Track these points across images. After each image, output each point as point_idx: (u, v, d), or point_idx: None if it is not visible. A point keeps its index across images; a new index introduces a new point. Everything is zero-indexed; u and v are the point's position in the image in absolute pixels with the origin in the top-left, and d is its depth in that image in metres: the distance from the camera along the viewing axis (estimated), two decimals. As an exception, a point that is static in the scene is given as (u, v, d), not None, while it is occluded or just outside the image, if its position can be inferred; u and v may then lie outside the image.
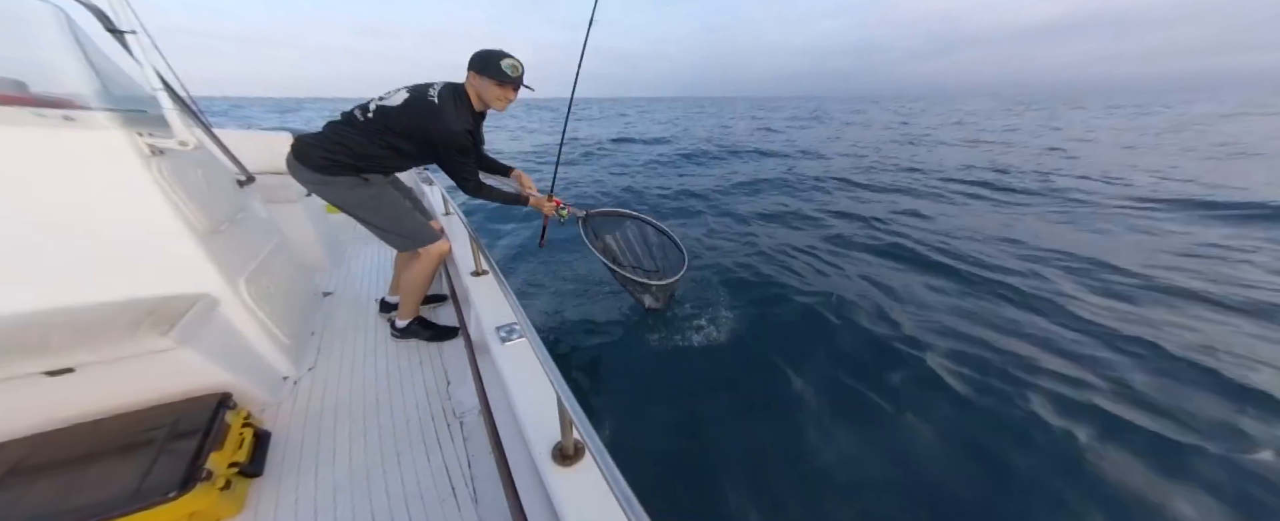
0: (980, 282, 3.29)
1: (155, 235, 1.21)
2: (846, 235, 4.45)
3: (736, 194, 6.38)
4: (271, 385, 1.48)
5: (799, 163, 9.27)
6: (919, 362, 2.32)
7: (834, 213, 5.33)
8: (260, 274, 1.56)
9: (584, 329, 2.71)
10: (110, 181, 1.12)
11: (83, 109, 1.09)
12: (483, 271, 1.63)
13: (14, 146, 1.01)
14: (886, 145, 12.56)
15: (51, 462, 0.97)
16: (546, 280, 3.39)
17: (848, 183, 7.11)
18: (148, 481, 0.94)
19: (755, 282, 3.36)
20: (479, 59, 1.51)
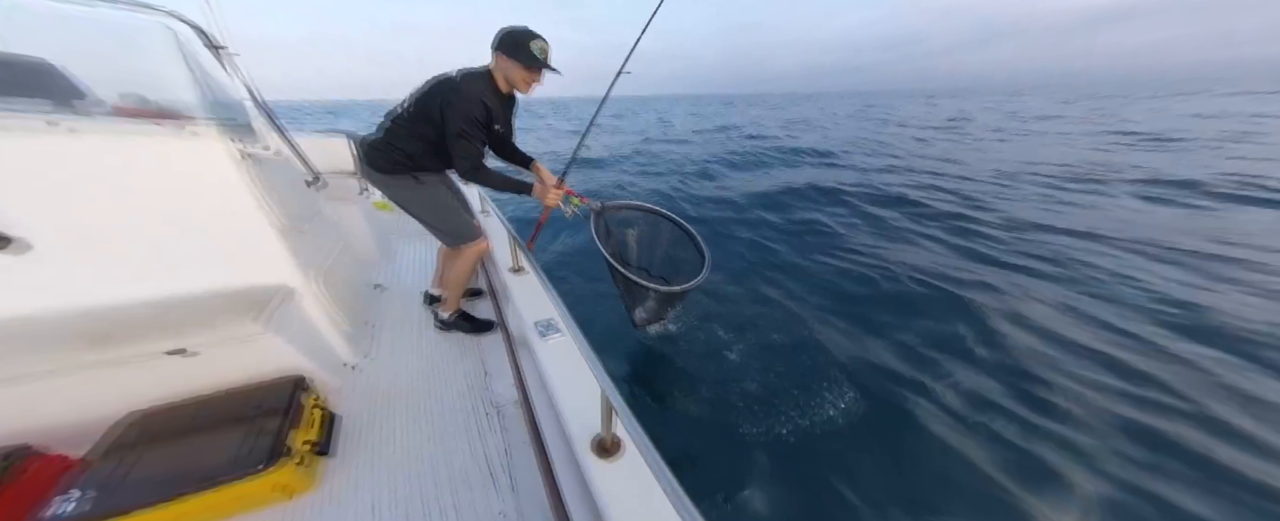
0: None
1: (246, 231, 1.35)
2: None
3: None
4: (337, 371, 1.60)
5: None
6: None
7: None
8: (328, 267, 1.69)
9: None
10: (211, 183, 1.26)
11: (189, 119, 1.23)
12: (521, 269, 1.71)
13: (137, 154, 1.16)
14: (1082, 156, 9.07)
15: (171, 430, 1.11)
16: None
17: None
18: (243, 453, 1.05)
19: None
20: (506, 40, 1.45)
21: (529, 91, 1.55)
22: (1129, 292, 3.15)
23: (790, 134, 14.62)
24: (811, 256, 4.03)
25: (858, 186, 6.50)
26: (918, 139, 12.89)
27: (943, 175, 7.40)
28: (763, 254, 4.22)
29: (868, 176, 7.32)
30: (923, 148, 11.04)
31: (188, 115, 1.25)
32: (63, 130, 1.07)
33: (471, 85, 1.44)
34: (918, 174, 7.55)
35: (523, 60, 1.44)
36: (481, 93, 1.45)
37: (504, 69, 1.49)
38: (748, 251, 4.27)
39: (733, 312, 3.01)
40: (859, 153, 10.18)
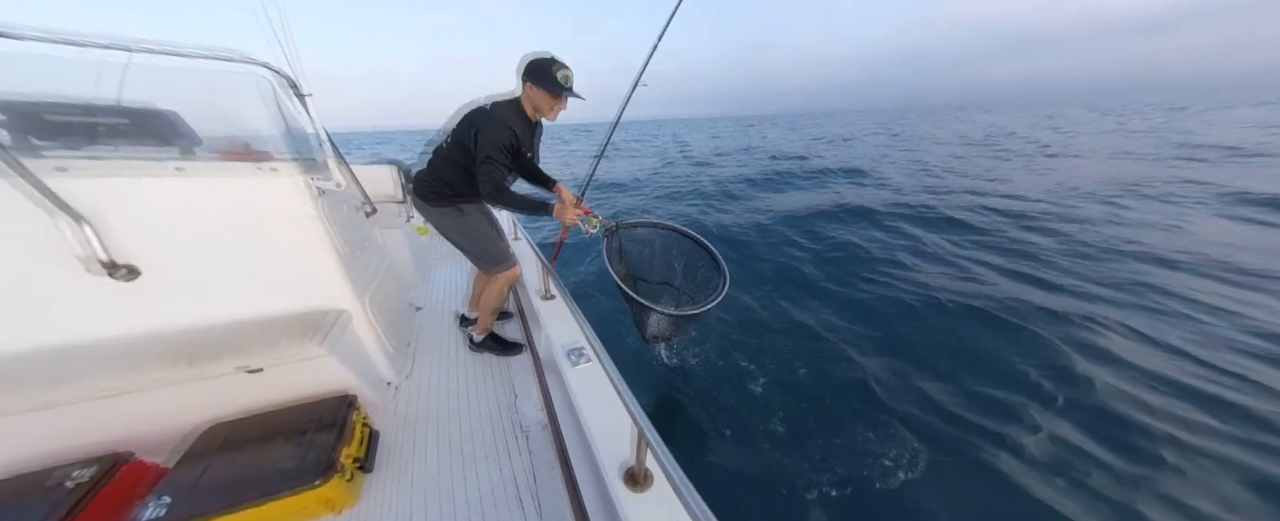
0: None
1: (313, 260, 1.48)
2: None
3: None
4: (379, 389, 1.68)
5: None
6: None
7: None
8: (377, 291, 1.81)
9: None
10: (287, 216, 1.41)
11: (274, 158, 1.39)
12: (551, 295, 1.77)
13: (233, 192, 1.32)
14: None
15: (240, 441, 1.21)
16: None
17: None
18: (298, 467, 1.13)
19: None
20: (533, 68, 1.50)
21: (553, 117, 1.60)
22: (1219, 324, 2.81)
23: (815, 153, 14.32)
24: (848, 282, 3.80)
25: (895, 207, 6.13)
26: (955, 155, 12.31)
27: (986, 194, 6.94)
28: (792, 277, 4.03)
29: (905, 196, 6.94)
30: (962, 165, 10.49)
31: (273, 155, 1.41)
32: (181, 173, 1.25)
33: (501, 113, 1.52)
34: (959, 193, 7.08)
35: (548, 87, 1.50)
36: (510, 120, 1.52)
37: (531, 96, 1.55)
38: (775, 274, 4.11)
39: (761, 342, 2.88)
40: (894, 171, 9.73)
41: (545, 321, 1.58)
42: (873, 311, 3.27)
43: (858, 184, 8.62)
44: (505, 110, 1.53)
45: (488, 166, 1.49)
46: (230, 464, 1.13)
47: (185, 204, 1.26)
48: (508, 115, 1.52)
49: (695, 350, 2.78)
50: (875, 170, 10.00)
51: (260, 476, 1.09)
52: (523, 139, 1.57)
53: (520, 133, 1.55)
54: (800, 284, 3.92)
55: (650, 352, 2.73)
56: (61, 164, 1.11)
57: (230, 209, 1.32)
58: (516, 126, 1.53)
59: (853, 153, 14.34)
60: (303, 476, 1.10)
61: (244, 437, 1.22)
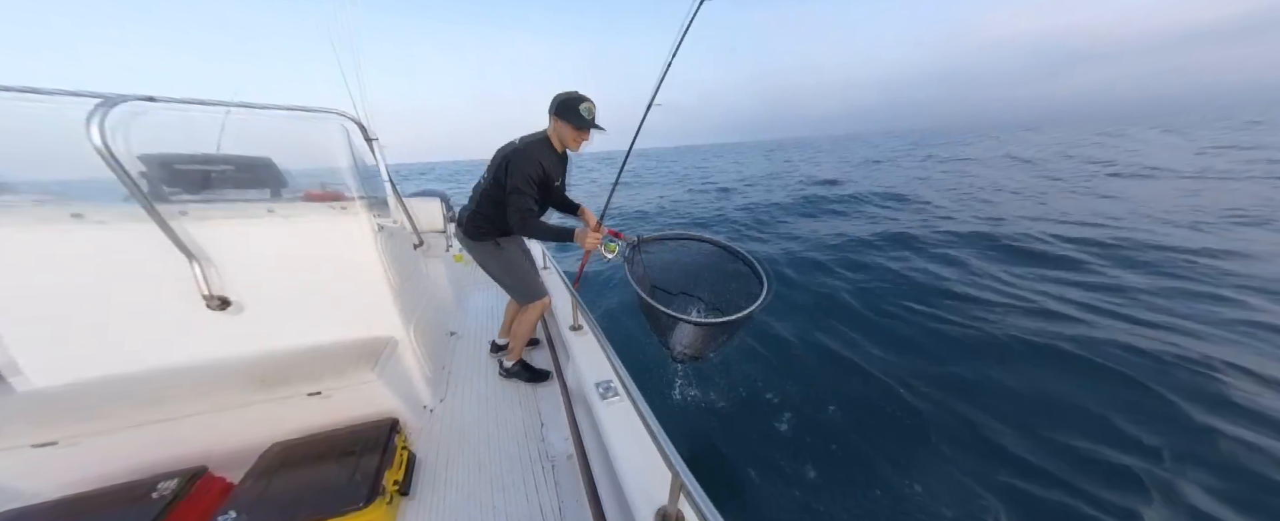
0: None
1: (373, 292, 1.61)
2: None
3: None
4: (419, 413, 1.74)
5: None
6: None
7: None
8: (421, 319, 1.92)
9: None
10: (356, 252, 1.55)
11: (348, 199, 1.56)
12: (579, 327, 1.81)
13: (312, 231, 1.49)
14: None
15: (299, 460, 1.29)
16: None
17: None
18: (347, 488, 1.19)
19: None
20: (558, 104, 1.60)
21: (578, 149, 1.69)
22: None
23: (848, 177, 13.68)
24: (892, 314, 3.48)
25: (942, 234, 5.61)
26: (1005, 177, 11.29)
27: (1046, 218, 6.22)
28: (828, 307, 3.75)
29: (953, 222, 6.37)
30: (1013, 186, 9.60)
31: (345, 194, 1.59)
32: (271, 214, 1.43)
33: (530, 148, 1.62)
34: (1015, 219, 6.36)
35: (573, 121, 1.59)
36: (538, 154, 1.62)
37: (558, 130, 1.64)
38: (811, 304, 3.85)
39: (789, 375, 2.70)
40: (936, 195, 9.06)
41: (574, 353, 1.61)
42: (921, 346, 2.97)
43: (897, 209, 8.02)
44: (534, 145, 1.63)
45: (516, 197, 1.58)
46: (288, 482, 1.20)
47: (272, 241, 1.43)
48: (536, 149, 1.62)
49: (718, 380, 2.68)
50: (915, 194, 9.34)
51: (313, 496, 1.16)
52: (551, 171, 1.66)
53: (548, 165, 1.64)
54: (837, 313, 3.68)
55: (666, 378, 2.64)
56: (184, 209, 1.30)
57: (307, 245, 1.48)
58: (544, 159, 1.62)
59: (888, 176, 13.45)
60: (350, 498, 1.15)
61: (301, 457, 1.30)
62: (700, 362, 2.06)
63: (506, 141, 1.69)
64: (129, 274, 1.29)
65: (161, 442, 1.29)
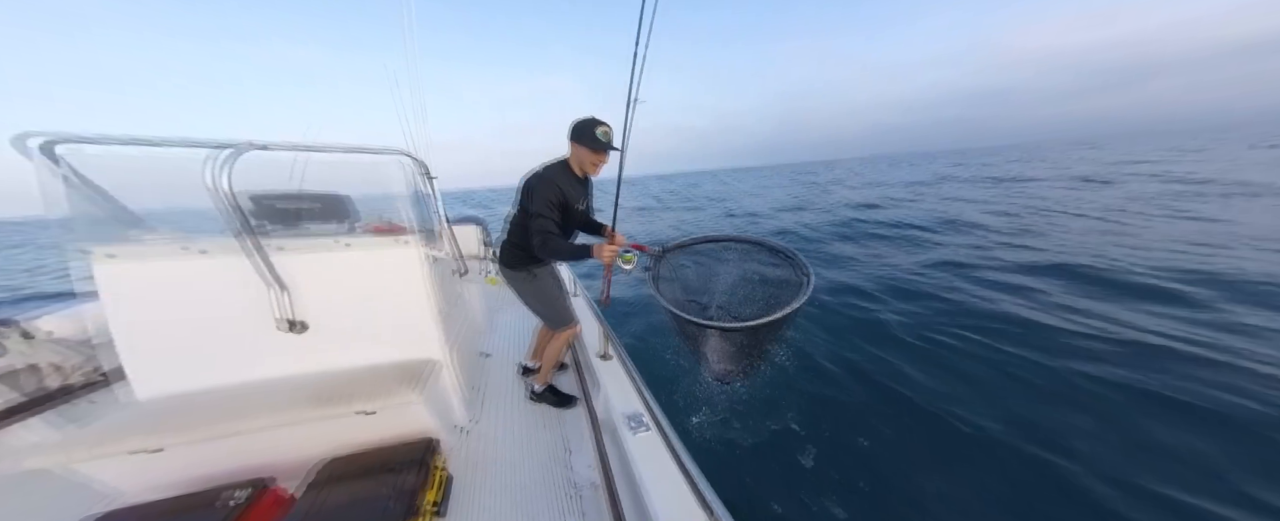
0: None
1: (420, 317, 1.72)
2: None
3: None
4: (453, 433, 1.80)
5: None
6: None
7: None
8: (459, 342, 2.00)
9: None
10: (411, 281, 1.68)
11: (408, 232, 1.69)
12: (608, 355, 1.83)
13: (375, 261, 1.63)
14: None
15: (347, 475, 1.36)
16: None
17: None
18: (387, 505, 1.23)
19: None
20: (576, 128, 1.65)
21: (596, 172, 1.73)
22: None
23: (889, 199, 12.88)
24: (944, 345, 3.16)
25: (1006, 261, 5.05)
26: (1070, 197, 10.17)
27: (1129, 245, 5.48)
28: (868, 333, 3.47)
29: (1017, 250, 5.73)
30: (1082, 206, 8.61)
31: (405, 228, 1.73)
32: (344, 246, 1.58)
33: (550, 173, 1.68)
34: (1097, 245, 5.60)
35: (589, 144, 1.64)
36: (557, 178, 1.67)
37: (577, 155, 1.69)
38: (850, 328, 3.55)
39: (820, 402, 2.53)
40: (990, 217, 8.27)
41: (603, 381, 1.63)
42: (981, 379, 2.65)
43: (948, 234, 7.30)
44: (554, 171, 1.70)
45: (537, 221, 1.64)
46: (339, 497, 1.26)
47: (341, 271, 1.59)
48: (556, 174, 1.68)
49: (741, 403, 2.56)
50: (968, 217, 8.54)
51: (359, 513, 1.21)
52: (571, 194, 1.70)
53: (567, 189, 1.68)
54: (877, 338, 3.39)
55: (690, 403, 2.52)
56: (280, 243, 1.48)
57: (369, 275, 1.62)
58: (564, 184, 1.68)
59: (934, 199, 12.37)
60: (391, 517, 1.19)
61: (351, 473, 1.37)
62: (742, 381, 1.93)
63: (530, 169, 1.77)
64: (222, 299, 1.46)
65: (234, 453, 1.40)
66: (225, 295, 1.46)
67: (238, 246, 1.39)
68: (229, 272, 1.43)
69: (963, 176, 21.25)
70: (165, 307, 1.42)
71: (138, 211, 1.48)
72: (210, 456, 1.37)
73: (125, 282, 1.37)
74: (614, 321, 2.34)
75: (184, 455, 1.33)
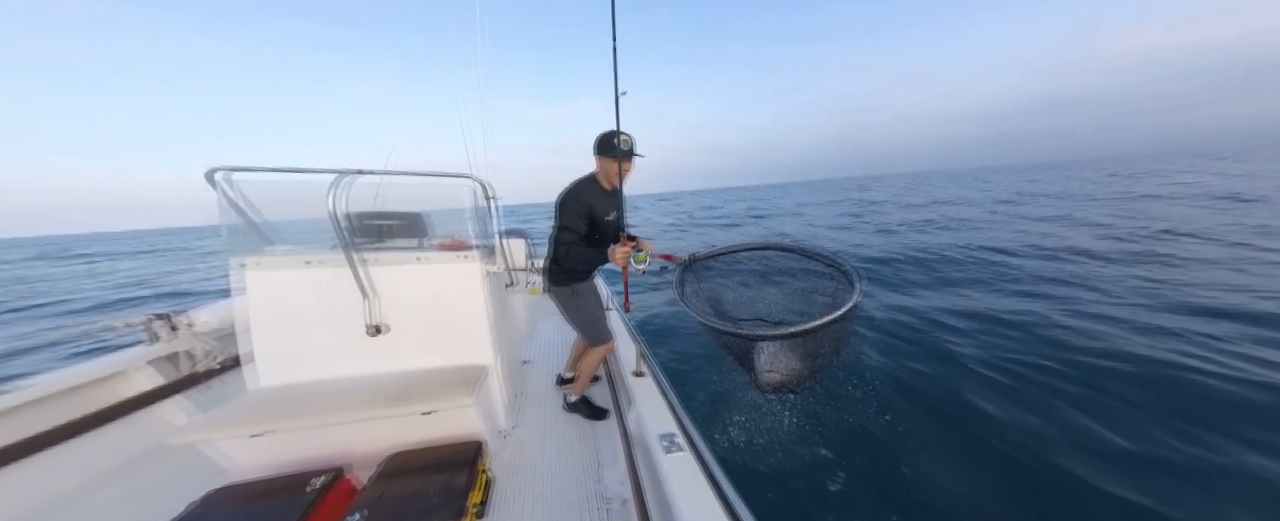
0: None
1: (476, 326, 1.87)
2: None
3: None
4: (496, 437, 1.89)
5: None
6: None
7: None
8: (506, 349, 2.12)
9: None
10: (468, 293, 1.84)
11: (471, 248, 1.88)
12: (642, 373, 1.87)
13: (445, 274, 1.81)
14: None
15: (407, 470, 1.47)
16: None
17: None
18: (438, 504, 1.31)
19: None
20: (598, 141, 1.70)
21: (620, 181, 1.75)
22: None
23: (966, 221, 10.95)
24: (1033, 379, 2.74)
25: (1124, 297, 4.05)
26: (1214, 222, 8.11)
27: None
28: (939, 357, 3.16)
29: (1143, 285, 4.57)
30: (1246, 235, 6.75)
31: (468, 244, 1.93)
32: (420, 261, 1.78)
33: (577, 188, 1.75)
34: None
35: (610, 154, 1.68)
36: (583, 191, 1.73)
37: (602, 167, 1.74)
38: (921, 353, 3.25)
39: (874, 428, 2.37)
40: (1103, 245, 6.65)
41: (637, 399, 1.66)
42: (1069, 419, 2.32)
43: (1042, 260, 6.01)
44: (581, 185, 1.77)
45: (562, 234, 1.75)
46: (399, 492, 1.37)
47: (416, 282, 1.79)
48: (583, 188, 1.75)
49: (767, 421, 2.45)
50: (1063, 240, 7.08)
51: (414, 508, 1.30)
52: (598, 207, 1.74)
53: (594, 201, 1.72)
54: (947, 364, 3.10)
55: (718, 418, 2.46)
56: (370, 256, 1.70)
57: (437, 286, 1.81)
58: (590, 197, 1.72)
59: (1018, 220, 10.42)
60: (440, 514, 1.28)
61: (410, 469, 1.48)
62: (796, 393, 1.74)
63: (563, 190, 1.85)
64: (325, 304, 1.69)
65: (318, 442, 1.57)
66: (328, 300, 1.69)
67: (340, 259, 1.62)
68: (332, 282, 1.67)
69: (1047, 192, 18.51)
70: (284, 309, 1.68)
71: (275, 223, 1.79)
72: (301, 443, 1.55)
73: (259, 287, 1.66)
74: (647, 340, 2.41)
75: (283, 440, 1.51)
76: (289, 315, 1.69)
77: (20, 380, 1.74)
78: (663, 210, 33.66)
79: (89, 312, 8.08)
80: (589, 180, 1.78)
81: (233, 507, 1.30)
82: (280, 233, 1.84)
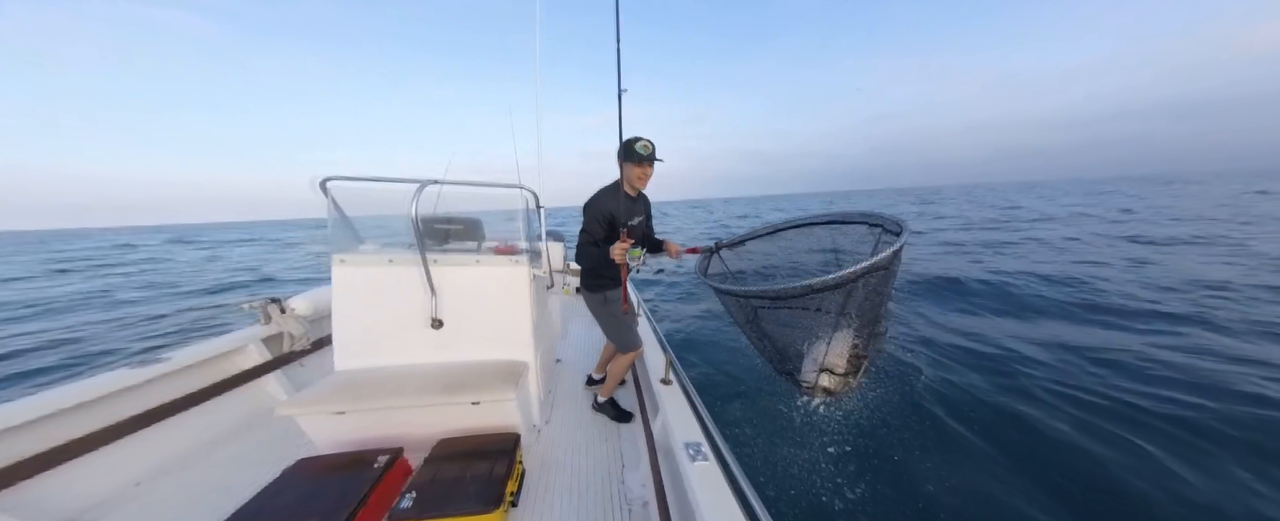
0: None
1: (521, 325, 2.01)
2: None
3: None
4: (530, 432, 1.99)
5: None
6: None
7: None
8: (543, 348, 2.25)
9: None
10: (516, 295, 2.00)
11: (520, 252, 2.05)
12: (669, 381, 1.91)
13: (495, 276, 1.98)
14: None
15: (454, 456, 1.60)
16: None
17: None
18: (480, 490, 1.41)
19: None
20: (620, 149, 1.76)
21: (644, 184, 1.83)
22: None
23: (1040, 242, 9.15)
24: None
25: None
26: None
27: None
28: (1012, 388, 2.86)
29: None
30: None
31: (518, 248, 2.09)
32: (477, 263, 1.97)
33: (599, 194, 1.83)
34: None
35: (630, 159, 1.75)
36: (604, 198, 1.81)
37: (625, 173, 1.80)
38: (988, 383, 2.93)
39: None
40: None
41: (664, 406, 1.69)
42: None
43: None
44: (604, 191, 1.84)
45: (580, 235, 1.87)
46: (447, 475, 1.49)
47: (472, 282, 1.97)
48: (604, 195, 1.82)
49: (807, 453, 2.34)
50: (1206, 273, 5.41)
51: (459, 492, 1.41)
52: (618, 212, 1.78)
53: (614, 207, 1.78)
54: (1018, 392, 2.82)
55: (731, 423, 2.43)
56: (437, 256, 1.91)
57: (489, 286, 1.98)
58: (610, 202, 1.78)
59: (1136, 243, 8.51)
60: (482, 500, 1.37)
61: (457, 454, 1.61)
62: (839, 396, 1.52)
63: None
64: (398, 298, 1.91)
65: (381, 424, 1.75)
66: (400, 295, 1.92)
67: (414, 258, 1.85)
68: (405, 279, 1.90)
69: (1170, 209, 14.58)
70: (366, 302, 1.92)
71: (365, 223, 2.07)
72: (369, 423, 1.73)
73: (347, 280, 1.92)
74: (676, 349, 2.40)
75: (354, 420, 1.70)
76: (369, 306, 1.92)
77: (176, 349, 2.15)
78: (702, 214, 32.79)
79: (219, 294, 9.30)
80: (613, 187, 1.85)
81: (314, 476, 1.48)
82: (366, 229, 2.12)
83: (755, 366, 3.23)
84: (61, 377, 4.57)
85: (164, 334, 6.14)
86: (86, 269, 14.96)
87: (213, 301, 8.30)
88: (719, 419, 1.61)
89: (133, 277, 12.19)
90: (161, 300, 8.80)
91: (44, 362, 4.90)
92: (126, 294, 9.45)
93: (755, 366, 3.23)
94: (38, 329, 6.50)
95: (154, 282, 11.24)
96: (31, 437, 1.53)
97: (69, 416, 1.64)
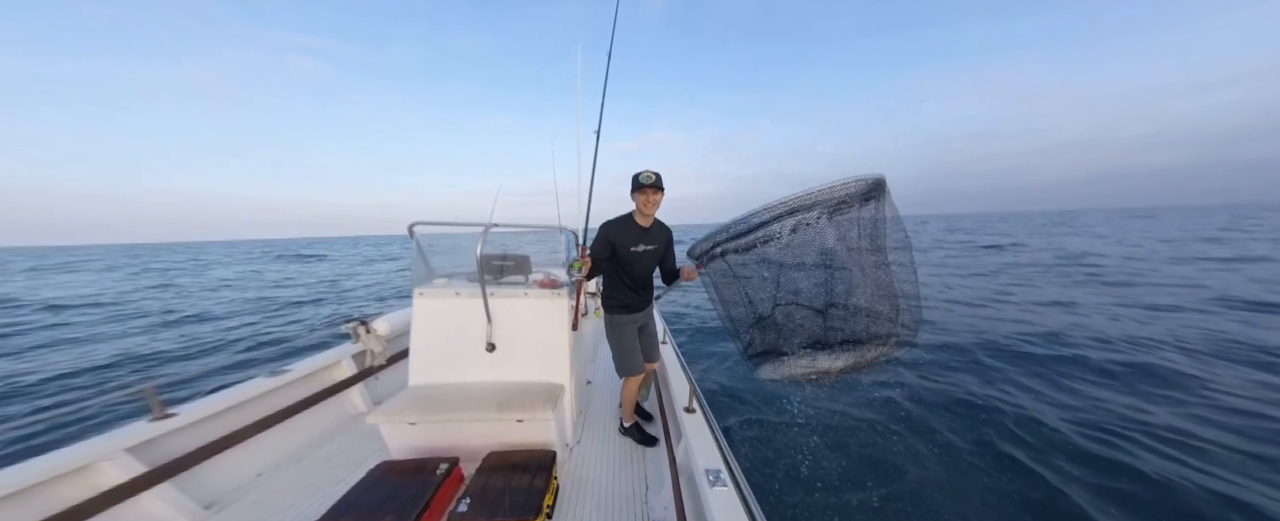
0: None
1: (559, 350, 2.19)
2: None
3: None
4: (564, 449, 2.11)
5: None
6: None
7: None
8: (577, 372, 2.40)
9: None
10: (558, 324, 2.20)
11: (560, 285, 2.27)
12: (692, 409, 1.96)
13: (541, 307, 2.21)
14: None
15: (500, 467, 1.74)
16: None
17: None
18: (524, 502, 1.52)
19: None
20: (630, 181, 1.85)
21: (651, 210, 1.87)
22: None
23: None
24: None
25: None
26: None
27: None
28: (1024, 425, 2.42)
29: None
30: None
31: (559, 282, 2.32)
32: (525, 296, 2.22)
33: (608, 221, 1.92)
34: None
35: (634, 188, 1.84)
36: (611, 226, 1.90)
37: (634, 201, 1.89)
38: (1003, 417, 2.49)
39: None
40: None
41: (687, 432, 1.74)
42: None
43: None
44: (614, 218, 1.94)
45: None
46: (495, 484, 1.62)
47: (522, 312, 2.22)
48: (612, 221, 1.92)
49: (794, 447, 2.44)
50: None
51: (505, 501, 1.53)
52: (622, 238, 1.88)
53: (618, 235, 1.87)
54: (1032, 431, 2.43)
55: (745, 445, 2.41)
56: (493, 290, 2.17)
57: (534, 315, 2.21)
58: (613, 229, 1.88)
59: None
60: (526, 511, 1.48)
61: (504, 466, 1.74)
62: (827, 381, 1.45)
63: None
64: (463, 325, 2.18)
65: (442, 434, 1.93)
66: (464, 322, 2.20)
67: (476, 291, 2.13)
68: (468, 309, 2.19)
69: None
70: (437, 327, 2.22)
71: (440, 258, 2.47)
72: (433, 433, 1.93)
73: (424, 310, 2.24)
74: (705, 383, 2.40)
75: (421, 430, 1.90)
76: (439, 332, 2.21)
77: (296, 360, 2.53)
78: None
79: (308, 305, 10.52)
80: (625, 217, 1.93)
81: (391, 479, 1.67)
82: (438, 263, 2.50)
83: (768, 395, 3.14)
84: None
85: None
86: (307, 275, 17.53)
87: (327, 319, 9.49)
88: (733, 443, 1.60)
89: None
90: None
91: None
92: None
93: (768, 395, 3.14)
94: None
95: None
96: (207, 429, 1.93)
97: (227, 415, 2.00)
